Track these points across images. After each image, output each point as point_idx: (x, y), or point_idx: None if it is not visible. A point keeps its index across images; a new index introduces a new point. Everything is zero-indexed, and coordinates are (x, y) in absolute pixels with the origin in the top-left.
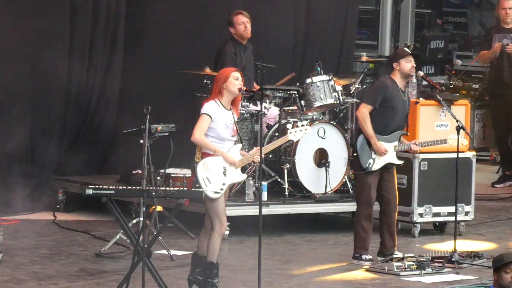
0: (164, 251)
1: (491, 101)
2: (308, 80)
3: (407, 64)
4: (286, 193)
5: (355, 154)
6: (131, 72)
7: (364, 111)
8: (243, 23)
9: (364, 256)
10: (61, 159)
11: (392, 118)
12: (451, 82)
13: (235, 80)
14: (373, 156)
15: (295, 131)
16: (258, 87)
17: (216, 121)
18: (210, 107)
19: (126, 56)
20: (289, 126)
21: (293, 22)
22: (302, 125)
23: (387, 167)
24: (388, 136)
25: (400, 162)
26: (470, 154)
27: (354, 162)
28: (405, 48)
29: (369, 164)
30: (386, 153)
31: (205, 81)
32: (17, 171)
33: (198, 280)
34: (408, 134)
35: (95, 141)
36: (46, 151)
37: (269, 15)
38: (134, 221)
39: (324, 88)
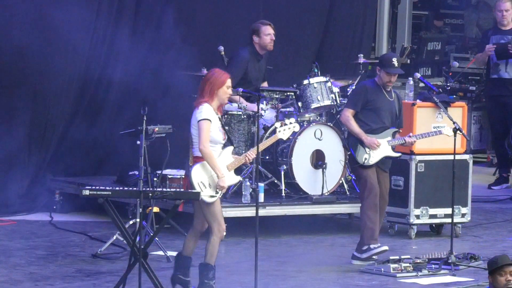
0: (160, 252)
1: (488, 102)
2: (305, 82)
3: (386, 76)
4: (283, 194)
5: (349, 153)
6: (128, 72)
7: (347, 114)
8: (270, 35)
9: (373, 246)
10: (58, 160)
11: (377, 119)
12: (448, 84)
13: (227, 89)
14: (367, 151)
15: (284, 130)
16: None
17: (213, 125)
18: (208, 111)
19: (125, 54)
20: (277, 125)
21: (314, 20)
22: (290, 123)
23: (383, 169)
24: (379, 134)
25: (397, 154)
26: (467, 156)
27: (351, 161)
28: (394, 61)
29: (365, 159)
30: (379, 145)
31: None
32: (13, 171)
33: (181, 280)
34: (401, 131)
35: (92, 141)
36: (43, 151)
37: (292, 13)
38: (131, 222)
39: (321, 89)
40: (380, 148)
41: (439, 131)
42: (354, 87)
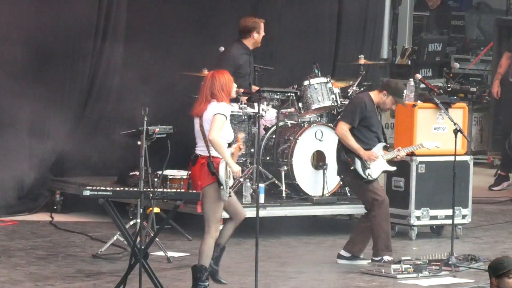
0: (161, 253)
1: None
2: (306, 82)
3: (392, 105)
4: (284, 195)
5: (352, 168)
6: (129, 73)
7: (344, 128)
8: (263, 34)
9: (386, 258)
10: (59, 160)
11: (369, 136)
12: (449, 85)
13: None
14: (368, 166)
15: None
16: (257, 89)
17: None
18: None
19: (125, 55)
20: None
21: (324, 23)
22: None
23: None
24: (372, 150)
25: (394, 168)
26: (468, 157)
27: (352, 176)
28: (405, 93)
29: (368, 174)
30: (377, 157)
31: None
32: (14, 171)
33: (213, 269)
34: (389, 146)
35: (93, 142)
36: (44, 152)
37: (303, 16)
38: (131, 222)
39: (322, 90)
40: (378, 161)
41: (421, 145)
42: (351, 100)
